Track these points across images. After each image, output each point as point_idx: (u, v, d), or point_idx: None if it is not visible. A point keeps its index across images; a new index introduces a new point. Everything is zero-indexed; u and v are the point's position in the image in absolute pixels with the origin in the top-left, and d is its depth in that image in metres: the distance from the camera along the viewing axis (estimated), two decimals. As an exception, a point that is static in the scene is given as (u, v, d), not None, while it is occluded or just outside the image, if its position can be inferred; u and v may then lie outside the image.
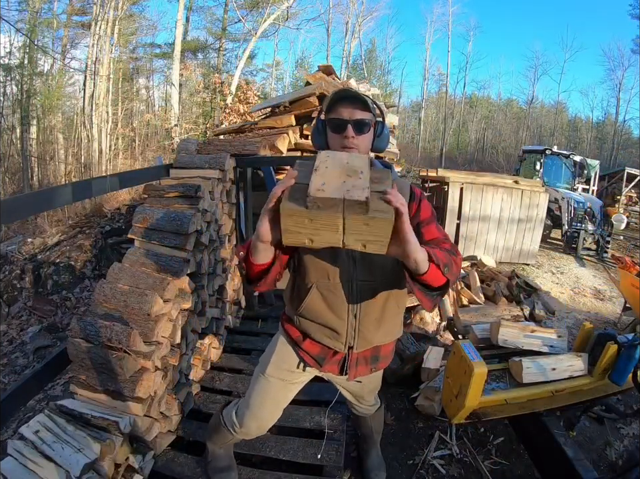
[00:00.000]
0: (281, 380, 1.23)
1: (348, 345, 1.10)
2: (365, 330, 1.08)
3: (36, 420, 1.39)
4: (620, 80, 22.54)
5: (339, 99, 1.02)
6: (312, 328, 1.11)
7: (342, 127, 1.01)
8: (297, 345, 1.17)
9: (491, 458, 1.87)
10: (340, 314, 1.06)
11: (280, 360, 1.22)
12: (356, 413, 1.53)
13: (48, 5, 11.89)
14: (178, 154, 2.45)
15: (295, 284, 1.12)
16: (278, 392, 1.25)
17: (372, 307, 1.07)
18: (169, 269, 1.76)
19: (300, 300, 1.08)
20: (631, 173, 9.85)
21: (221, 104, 10.57)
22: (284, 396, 1.27)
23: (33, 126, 11.20)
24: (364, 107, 1.01)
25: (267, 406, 1.25)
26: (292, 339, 1.18)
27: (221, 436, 1.42)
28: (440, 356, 2.30)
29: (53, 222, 6.12)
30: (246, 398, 1.29)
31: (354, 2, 20.44)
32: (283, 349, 1.22)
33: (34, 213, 2.20)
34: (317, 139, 1.10)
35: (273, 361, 1.22)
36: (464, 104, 26.96)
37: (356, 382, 1.25)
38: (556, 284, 4.73)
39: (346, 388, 1.35)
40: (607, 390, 1.75)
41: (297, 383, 1.27)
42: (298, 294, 1.10)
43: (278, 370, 1.22)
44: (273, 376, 1.22)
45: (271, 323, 2.74)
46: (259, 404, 1.24)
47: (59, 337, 3.14)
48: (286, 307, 1.21)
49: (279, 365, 1.22)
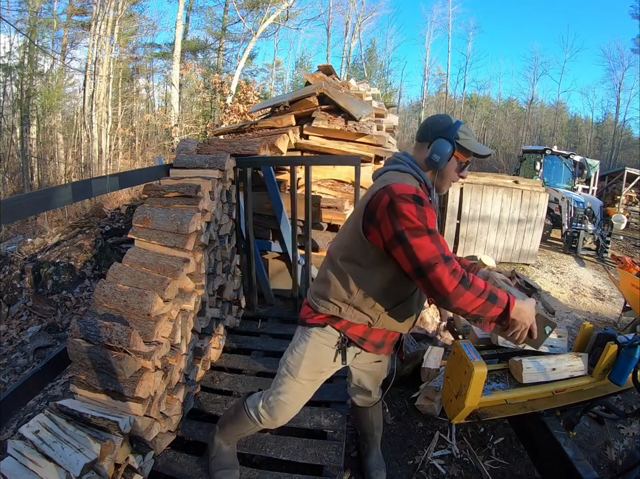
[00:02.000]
0: (312, 381, 1.34)
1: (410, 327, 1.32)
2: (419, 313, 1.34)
3: (36, 420, 1.39)
4: (620, 80, 22.53)
5: (478, 149, 1.19)
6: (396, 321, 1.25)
7: (465, 169, 1.24)
8: (363, 340, 1.27)
9: (491, 458, 1.87)
10: (420, 304, 1.30)
11: (312, 364, 1.31)
12: (363, 405, 1.59)
13: (48, 5, 11.91)
14: (178, 154, 2.45)
15: (393, 290, 1.20)
16: (308, 390, 1.36)
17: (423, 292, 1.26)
18: (169, 269, 1.76)
19: (396, 301, 1.20)
20: (631, 173, 9.85)
21: (221, 104, 10.55)
22: (312, 391, 1.39)
23: (33, 126, 11.21)
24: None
25: (297, 403, 1.37)
26: (357, 337, 1.27)
27: (240, 425, 1.45)
28: (440, 356, 2.30)
29: (53, 222, 6.12)
30: (274, 395, 1.35)
31: (354, 2, 20.44)
32: (315, 353, 1.30)
33: (34, 213, 2.20)
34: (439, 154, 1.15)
35: (304, 365, 1.30)
36: (464, 104, 26.94)
37: (377, 362, 1.42)
38: (556, 284, 4.73)
39: (370, 371, 1.47)
40: (607, 390, 1.75)
41: (323, 379, 1.38)
42: (395, 296, 1.20)
43: (309, 373, 1.32)
44: (304, 379, 1.32)
45: (271, 323, 2.74)
46: (289, 402, 1.34)
47: (59, 337, 3.14)
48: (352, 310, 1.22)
49: (310, 368, 1.31)
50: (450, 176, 1.22)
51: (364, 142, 3.21)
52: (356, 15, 20.89)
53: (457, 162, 1.20)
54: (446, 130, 1.16)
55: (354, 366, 1.45)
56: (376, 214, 1.08)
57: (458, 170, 1.22)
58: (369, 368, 1.45)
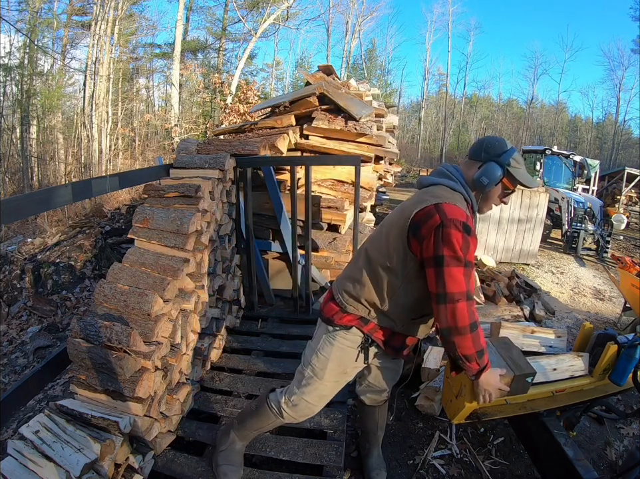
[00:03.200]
0: (336, 382, 1.37)
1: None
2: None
3: (36, 420, 1.39)
4: (620, 80, 22.59)
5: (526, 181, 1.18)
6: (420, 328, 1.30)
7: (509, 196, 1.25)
8: (385, 343, 1.30)
9: (491, 458, 1.87)
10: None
11: (337, 366, 1.33)
12: (370, 403, 1.60)
13: (48, 5, 11.92)
14: (178, 154, 2.45)
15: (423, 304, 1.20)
16: (332, 391, 1.39)
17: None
18: (169, 269, 1.76)
19: (423, 313, 1.25)
20: (631, 173, 9.84)
21: (221, 104, 10.56)
22: (335, 392, 1.41)
23: (33, 126, 11.21)
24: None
25: (322, 403, 1.40)
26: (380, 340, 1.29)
27: (261, 419, 1.46)
28: (440, 356, 2.30)
29: (53, 222, 6.12)
30: (299, 394, 1.37)
31: (354, 2, 20.46)
32: (339, 356, 1.32)
33: (34, 213, 2.20)
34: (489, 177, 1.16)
35: (330, 368, 1.33)
36: (464, 104, 26.96)
37: (394, 359, 1.44)
38: (556, 284, 4.73)
39: (388, 367, 1.49)
40: (607, 390, 1.75)
41: (346, 380, 1.41)
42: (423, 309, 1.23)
43: (334, 375, 1.35)
44: (330, 381, 1.35)
45: (271, 323, 2.74)
46: (314, 402, 1.38)
47: (59, 337, 3.14)
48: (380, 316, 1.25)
49: (335, 370, 1.34)
50: (493, 200, 1.24)
51: (364, 142, 3.21)
52: (356, 15, 20.94)
53: (502, 188, 1.21)
54: (500, 155, 1.16)
55: (373, 364, 1.46)
56: (422, 230, 1.09)
57: (502, 197, 1.24)
58: (389, 364, 1.47)
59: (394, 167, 6.29)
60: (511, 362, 1.46)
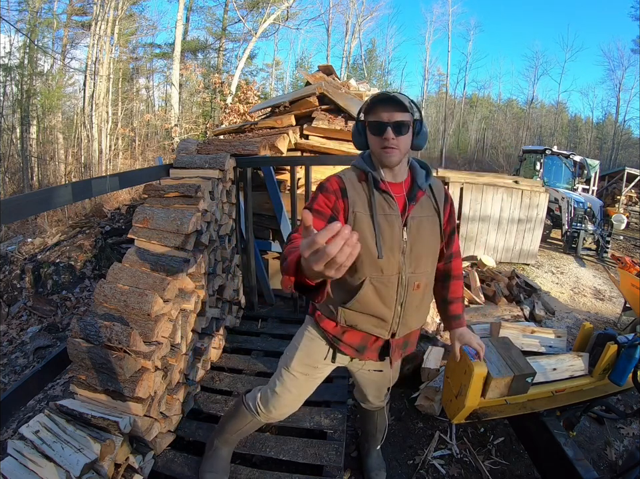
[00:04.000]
0: (304, 374, 1.30)
1: (392, 332, 1.18)
2: (408, 317, 1.17)
3: (36, 420, 1.39)
4: (620, 80, 22.54)
5: (378, 101, 1.04)
6: (359, 318, 1.16)
7: (382, 129, 1.04)
8: (337, 339, 1.21)
9: (491, 458, 1.87)
10: (390, 304, 1.13)
11: (305, 356, 1.28)
12: (366, 408, 1.56)
13: (48, 5, 11.91)
14: (178, 154, 2.45)
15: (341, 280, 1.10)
16: (302, 385, 1.32)
17: (415, 296, 1.16)
18: (169, 269, 1.76)
19: (349, 293, 1.11)
20: (631, 173, 9.84)
21: (221, 104, 10.57)
22: (306, 389, 1.34)
23: (33, 126, 11.21)
24: (403, 108, 1.03)
25: (291, 397, 1.33)
26: (331, 335, 1.22)
27: (238, 420, 1.44)
28: (440, 356, 2.30)
29: (53, 222, 6.12)
30: (271, 387, 1.34)
31: (354, 2, 20.45)
32: (308, 345, 1.27)
33: (34, 213, 2.20)
34: (357, 140, 1.16)
35: (297, 356, 1.28)
36: (464, 104, 26.95)
37: (378, 371, 1.34)
38: (556, 284, 4.73)
39: (368, 379, 1.40)
40: (607, 390, 1.75)
41: (320, 376, 1.34)
42: (345, 288, 1.13)
43: (301, 366, 1.29)
44: (296, 371, 1.29)
45: (271, 323, 2.74)
46: (283, 394, 1.32)
47: (59, 337, 3.14)
48: (323, 304, 1.20)
49: (303, 361, 1.28)
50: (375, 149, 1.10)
51: (364, 142, 3.20)
52: (356, 15, 20.92)
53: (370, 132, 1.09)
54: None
55: (353, 370, 1.38)
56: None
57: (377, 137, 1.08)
58: (368, 375, 1.37)
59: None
60: (511, 362, 1.47)
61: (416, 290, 1.14)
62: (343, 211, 1.08)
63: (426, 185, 1.14)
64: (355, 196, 1.09)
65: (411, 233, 1.10)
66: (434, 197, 1.16)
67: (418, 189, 1.12)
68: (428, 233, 1.14)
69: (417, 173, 1.15)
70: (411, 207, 1.11)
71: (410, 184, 1.15)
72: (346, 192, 1.09)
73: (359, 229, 1.05)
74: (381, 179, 1.10)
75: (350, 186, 1.10)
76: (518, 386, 1.42)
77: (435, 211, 1.16)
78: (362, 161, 1.14)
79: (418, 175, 1.15)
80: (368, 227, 1.07)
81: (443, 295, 1.32)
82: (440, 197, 1.18)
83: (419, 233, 1.12)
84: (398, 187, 1.13)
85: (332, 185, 1.10)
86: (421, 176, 1.14)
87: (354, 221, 1.07)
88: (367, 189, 1.10)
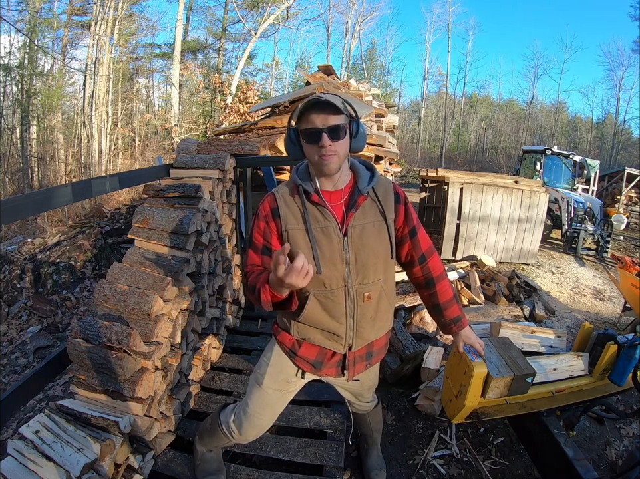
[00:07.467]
0: (279, 390, 1.25)
1: (347, 346, 1.14)
2: (362, 329, 1.12)
3: (36, 420, 1.39)
4: (620, 80, 22.54)
5: (310, 106, 0.97)
6: (311, 332, 1.12)
7: (317, 137, 0.97)
8: (293, 353, 1.18)
9: (491, 458, 1.87)
10: (339, 318, 1.09)
11: (276, 371, 1.23)
12: (355, 411, 1.54)
13: (48, 5, 11.91)
14: (178, 154, 2.45)
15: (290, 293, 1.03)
16: (276, 402, 1.27)
17: (367, 308, 1.11)
18: (169, 269, 1.76)
19: (299, 307, 1.05)
20: (631, 173, 9.83)
21: (221, 104, 10.56)
22: (281, 404, 1.30)
23: (33, 126, 11.21)
24: (336, 111, 0.97)
25: (265, 415, 1.27)
26: (287, 348, 1.19)
27: (215, 439, 1.42)
28: (440, 356, 2.30)
29: (53, 222, 6.13)
30: (243, 407, 1.29)
31: (354, 2, 20.44)
32: (278, 360, 1.23)
33: (34, 213, 2.20)
34: (291, 150, 1.08)
35: (269, 372, 1.23)
36: (464, 104, 26.94)
37: (355, 381, 1.26)
38: (556, 284, 4.73)
39: (346, 388, 1.37)
40: (607, 390, 1.75)
41: (293, 390, 1.29)
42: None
43: (275, 382, 1.24)
44: (270, 388, 1.23)
45: (271, 323, 2.74)
46: (257, 414, 1.26)
47: (59, 337, 3.14)
48: (279, 317, 1.20)
49: (275, 377, 1.23)
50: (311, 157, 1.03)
51: (364, 142, 3.21)
52: (356, 15, 20.91)
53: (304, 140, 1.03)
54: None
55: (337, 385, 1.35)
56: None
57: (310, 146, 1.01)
58: (345, 385, 1.35)
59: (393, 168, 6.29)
60: (511, 362, 1.47)
61: (367, 301, 1.09)
62: (277, 232, 1.07)
63: (368, 188, 1.07)
64: (287, 213, 1.06)
65: (353, 243, 1.05)
66: (378, 200, 1.09)
67: (359, 195, 1.05)
68: (374, 240, 1.07)
69: (360, 176, 1.09)
70: (351, 215, 1.04)
71: (352, 189, 1.08)
72: (278, 211, 1.06)
73: (294, 245, 1.02)
74: (315, 190, 1.05)
75: (282, 203, 1.06)
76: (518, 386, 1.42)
77: (381, 215, 1.08)
78: (295, 174, 1.09)
79: (360, 179, 1.08)
80: (304, 242, 1.03)
81: (433, 301, 1.22)
82: (388, 198, 1.10)
83: (362, 242, 1.05)
84: (338, 194, 1.07)
85: (265, 208, 1.08)
86: (364, 179, 1.08)
87: (288, 238, 1.04)
88: (300, 203, 1.06)
